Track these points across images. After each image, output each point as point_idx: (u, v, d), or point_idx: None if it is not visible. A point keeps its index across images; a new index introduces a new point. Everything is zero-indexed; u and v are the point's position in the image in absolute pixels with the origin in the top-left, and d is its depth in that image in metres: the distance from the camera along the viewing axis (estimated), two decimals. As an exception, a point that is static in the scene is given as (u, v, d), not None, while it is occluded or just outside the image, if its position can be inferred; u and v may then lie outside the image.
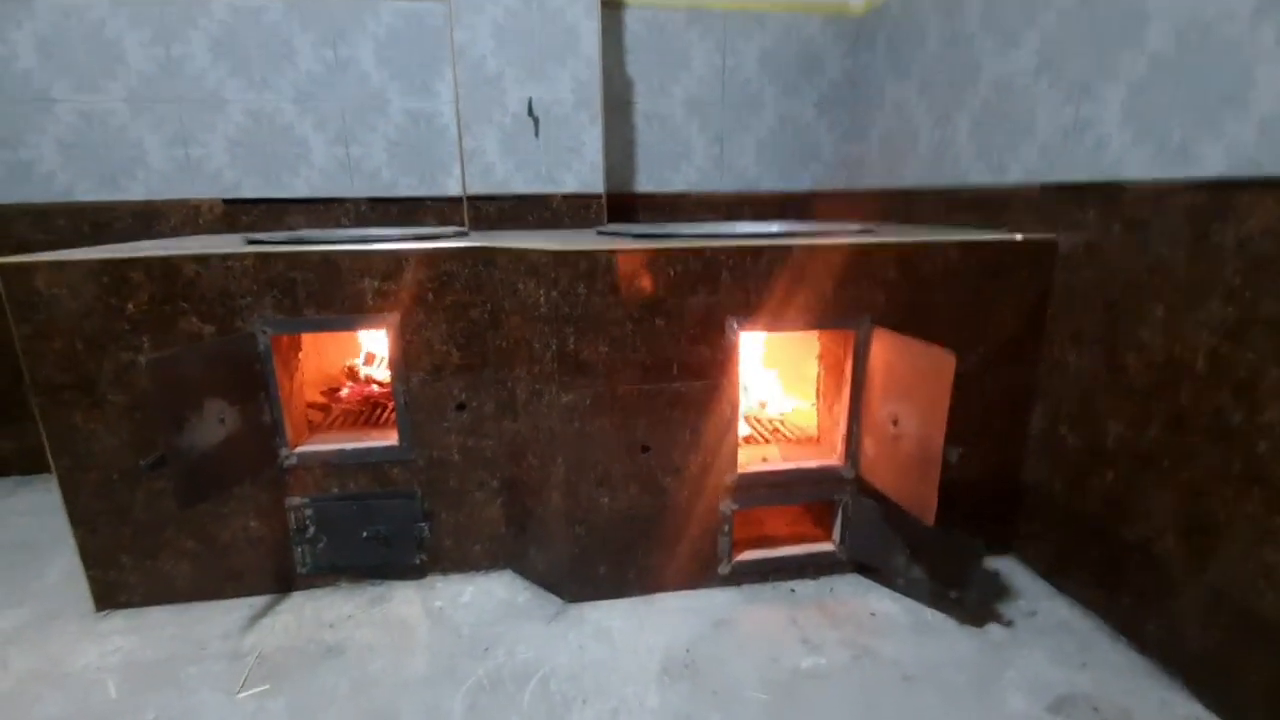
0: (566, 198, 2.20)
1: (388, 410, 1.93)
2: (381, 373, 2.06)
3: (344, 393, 2.00)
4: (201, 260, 1.45)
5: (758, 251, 1.48)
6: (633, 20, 2.36)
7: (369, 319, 1.55)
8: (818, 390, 1.80)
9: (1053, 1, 1.59)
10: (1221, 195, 1.21)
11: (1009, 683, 1.35)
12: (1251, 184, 1.16)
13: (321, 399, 1.97)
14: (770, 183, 2.61)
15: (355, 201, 2.36)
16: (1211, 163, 1.23)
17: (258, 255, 1.47)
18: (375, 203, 2.37)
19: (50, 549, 1.90)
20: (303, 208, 2.34)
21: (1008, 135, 1.75)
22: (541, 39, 2.05)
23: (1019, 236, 1.59)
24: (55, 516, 2.03)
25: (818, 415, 1.82)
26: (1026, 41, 1.68)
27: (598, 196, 2.22)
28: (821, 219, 2.60)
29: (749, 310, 1.51)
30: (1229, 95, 1.19)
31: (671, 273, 1.45)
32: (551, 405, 1.51)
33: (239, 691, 1.36)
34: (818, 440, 1.81)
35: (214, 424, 1.39)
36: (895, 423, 1.45)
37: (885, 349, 1.49)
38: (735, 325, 1.50)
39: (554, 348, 1.47)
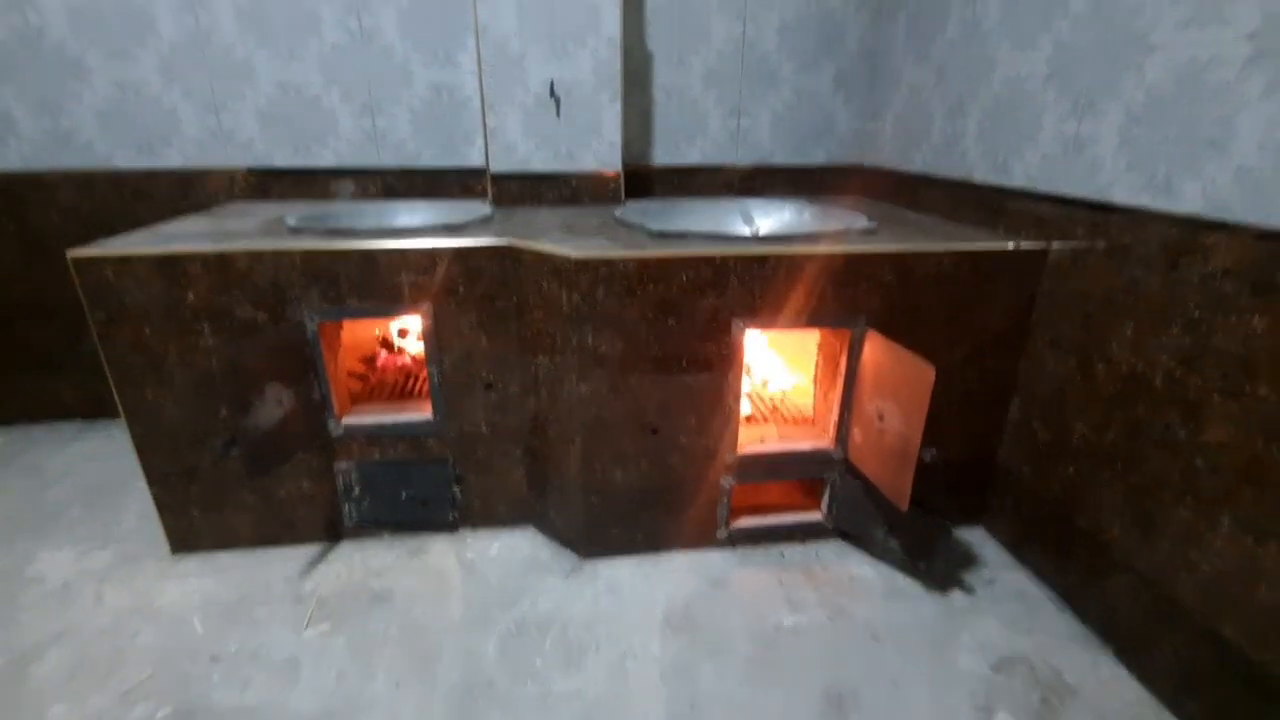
0: (585, 176, 2.28)
1: (420, 380, 2.10)
2: (413, 344, 2.22)
3: (379, 361, 2.17)
4: (255, 255, 1.58)
5: (763, 259, 1.59)
6: (654, -10, 2.35)
7: (406, 308, 1.70)
8: (815, 376, 1.95)
9: (1069, 8, 1.62)
10: (1193, 232, 1.31)
11: (961, 645, 1.57)
12: (1220, 226, 1.26)
13: (360, 367, 2.14)
14: (784, 156, 2.66)
15: (381, 172, 2.45)
16: (1189, 200, 1.32)
17: (304, 251, 1.60)
18: (401, 173, 2.46)
19: (122, 492, 2.13)
20: (331, 177, 2.43)
21: (1014, 137, 1.82)
22: (564, 18, 2.07)
23: (1011, 246, 1.69)
24: (121, 461, 2.29)
25: (814, 399, 1.98)
26: (1041, 45, 1.71)
27: (616, 174, 2.30)
28: (832, 195, 2.67)
29: (754, 311, 1.64)
30: (1213, 139, 1.27)
31: (684, 278, 1.58)
32: (571, 392, 1.67)
33: (305, 630, 1.60)
34: (812, 422, 1.98)
35: (274, 405, 1.57)
36: (881, 418, 1.61)
37: (876, 350, 1.63)
38: (741, 325, 1.64)
39: (574, 342, 1.61)
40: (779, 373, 2.21)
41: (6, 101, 2.20)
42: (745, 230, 2.27)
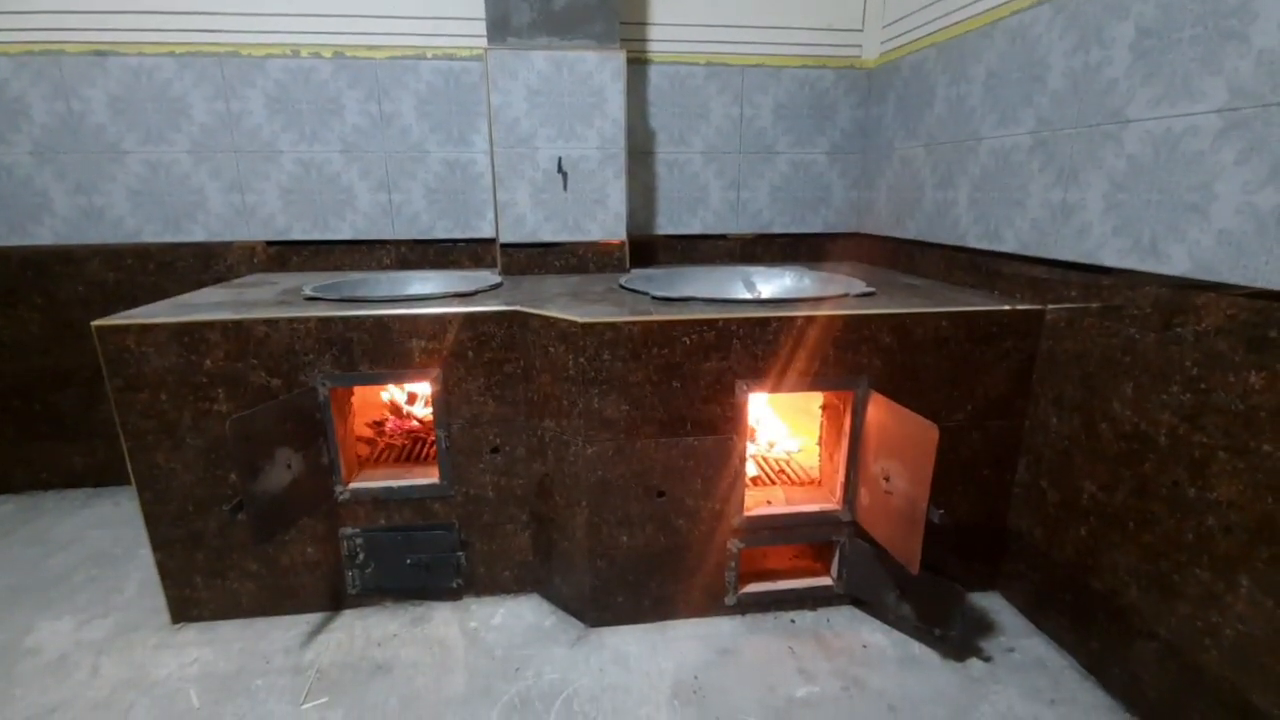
0: (591, 244, 2.36)
1: (428, 444, 2.12)
2: (421, 410, 2.25)
3: (387, 426, 2.19)
4: (271, 323, 1.64)
5: (765, 321, 1.63)
6: (656, 75, 2.51)
7: (416, 373, 1.74)
8: (820, 437, 1.96)
9: (1048, 86, 1.72)
10: (1184, 293, 1.34)
11: (982, 717, 1.51)
12: (1209, 286, 1.29)
13: (368, 431, 2.16)
14: (783, 225, 2.75)
15: (395, 243, 2.55)
16: (1177, 262, 1.36)
17: (319, 318, 1.66)
18: (414, 244, 2.56)
19: (126, 560, 2.12)
20: (347, 248, 2.53)
21: (1003, 206, 1.89)
22: (571, 101, 2.20)
23: (1007, 307, 1.73)
24: (126, 529, 2.29)
25: (820, 459, 1.98)
26: (1023, 120, 1.81)
27: (621, 243, 2.38)
28: (831, 261, 2.75)
29: (758, 373, 1.67)
30: (1193, 204, 1.32)
31: (687, 341, 1.62)
32: (578, 455, 1.68)
33: (303, 703, 1.56)
34: (819, 483, 1.97)
35: (282, 469, 1.59)
36: (887, 479, 1.61)
37: (880, 412, 1.64)
38: (745, 387, 1.67)
39: (580, 406, 1.64)
40: (785, 436, 2.22)
41: (45, 182, 2.33)
42: (747, 296, 2.33)
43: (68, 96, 2.27)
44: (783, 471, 2.06)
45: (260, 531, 1.52)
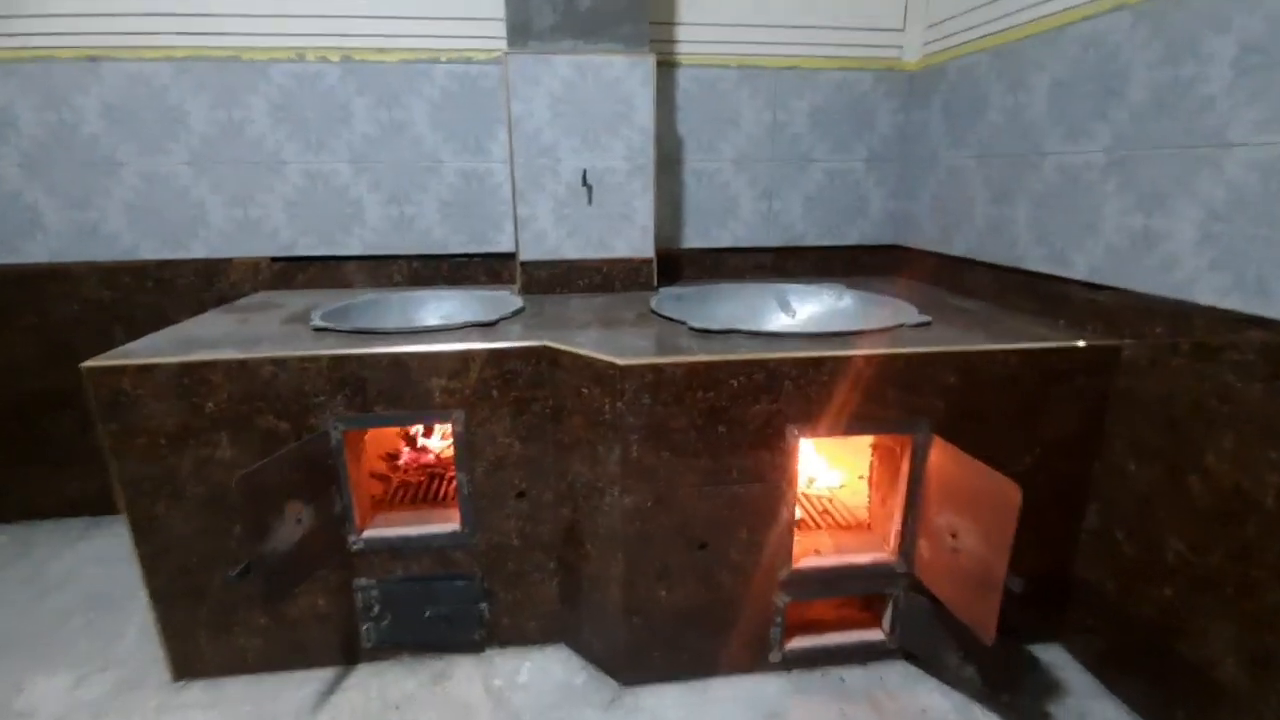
0: (617, 261, 2.22)
1: (446, 480, 1.99)
2: (437, 442, 2.11)
3: (402, 459, 2.06)
4: (279, 362, 1.50)
5: (819, 362, 1.49)
6: (685, 79, 2.35)
7: (436, 414, 1.60)
8: (870, 478, 1.82)
9: (1126, 101, 1.56)
10: (1302, 341, 1.20)
11: (1061, 800, 1.38)
12: (1336, 336, 1.15)
13: (382, 465, 2.02)
14: (816, 237, 2.60)
15: (407, 259, 2.40)
16: (1292, 305, 1.22)
17: (331, 357, 1.52)
18: (427, 260, 2.41)
19: (126, 601, 1.99)
20: (356, 264, 2.38)
21: (1071, 228, 1.73)
22: (597, 109, 2.05)
23: (1082, 343, 1.58)
24: (125, 566, 2.13)
25: (869, 500, 1.84)
26: (1096, 136, 1.65)
27: (648, 260, 2.23)
28: (866, 275, 2.60)
29: (810, 417, 1.52)
30: (1316, 242, 1.17)
31: (735, 384, 1.47)
32: (613, 506, 1.55)
33: (317, 779, 1.43)
34: (868, 527, 1.83)
35: (292, 525, 1.45)
36: (954, 535, 1.47)
37: (945, 460, 1.50)
38: (795, 432, 1.52)
39: (617, 453, 1.50)
40: (823, 470, 2.08)
41: (36, 196, 2.18)
42: (784, 318, 2.19)
43: (58, 106, 2.12)
44: (826, 512, 1.92)
45: (273, 593, 1.39)
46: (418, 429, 2.14)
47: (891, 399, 1.54)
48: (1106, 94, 1.62)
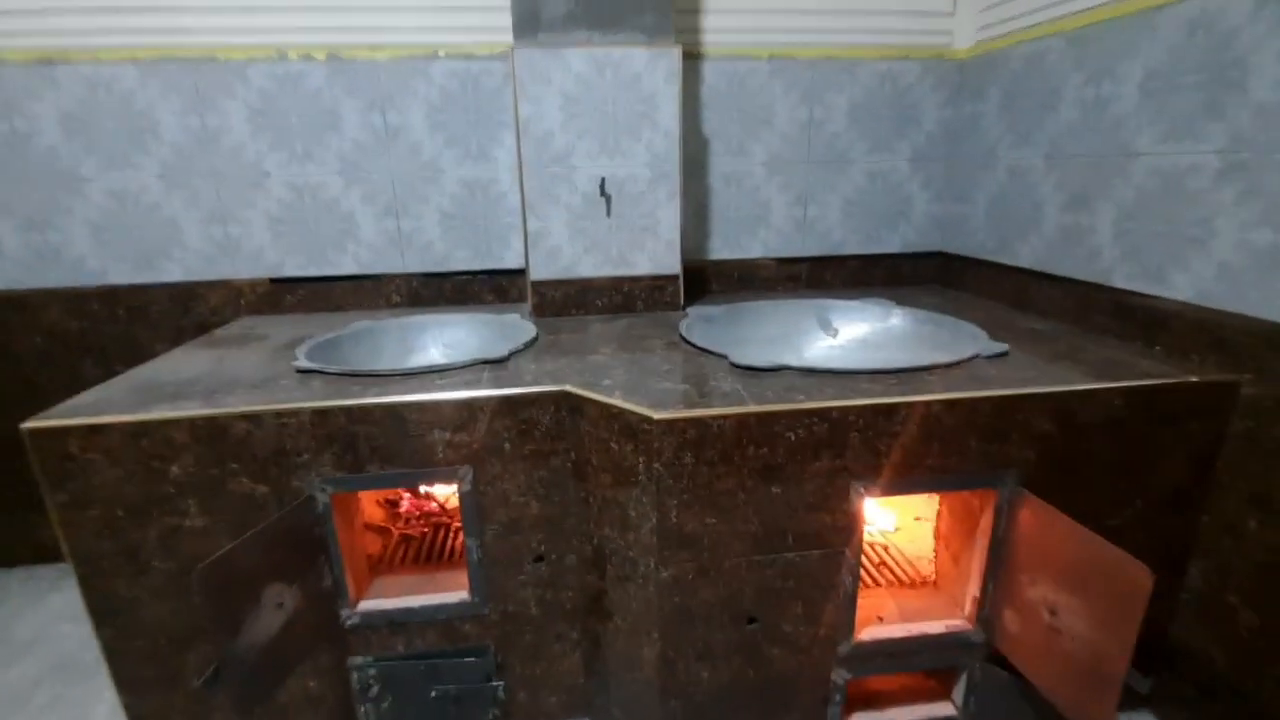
0: (639, 279, 1.98)
1: (453, 533, 1.77)
2: (440, 488, 1.88)
3: (402, 506, 1.84)
4: (253, 419, 1.27)
5: (891, 409, 1.26)
6: (711, 73, 2.10)
7: (439, 473, 1.37)
8: (937, 529, 1.59)
9: (1247, 96, 1.31)
10: None
11: None
12: None
13: (379, 516, 1.80)
14: (855, 245, 2.36)
15: (406, 277, 2.17)
16: None
17: (314, 410, 1.29)
18: (427, 278, 2.18)
19: (96, 674, 1.78)
20: (350, 285, 2.16)
21: (1172, 242, 1.49)
22: (616, 109, 1.81)
23: (1196, 379, 1.34)
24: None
25: (934, 553, 1.62)
26: (1207, 136, 1.41)
27: (674, 277, 2.00)
28: (910, 287, 2.36)
29: (877, 473, 1.29)
30: None
31: (792, 437, 1.24)
32: (648, 578, 1.32)
33: None
34: (935, 584, 1.60)
35: (272, 611, 1.23)
36: (1053, 613, 1.24)
37: (1041, 524, 1.27)
38: (861, 490, 1.30)
39: (654, 520, 1.27)
40: (875, 511, 1.85)
41: (-11, 216, 1.96)
42: (827, 338, 1.96)
43: (10, 114, 1.89)
44: (884, 564, 1.69)
45: (245, 699, 1.17)
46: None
47: (973, 450, 1.31)
48: (1220, 87, 1.37)
